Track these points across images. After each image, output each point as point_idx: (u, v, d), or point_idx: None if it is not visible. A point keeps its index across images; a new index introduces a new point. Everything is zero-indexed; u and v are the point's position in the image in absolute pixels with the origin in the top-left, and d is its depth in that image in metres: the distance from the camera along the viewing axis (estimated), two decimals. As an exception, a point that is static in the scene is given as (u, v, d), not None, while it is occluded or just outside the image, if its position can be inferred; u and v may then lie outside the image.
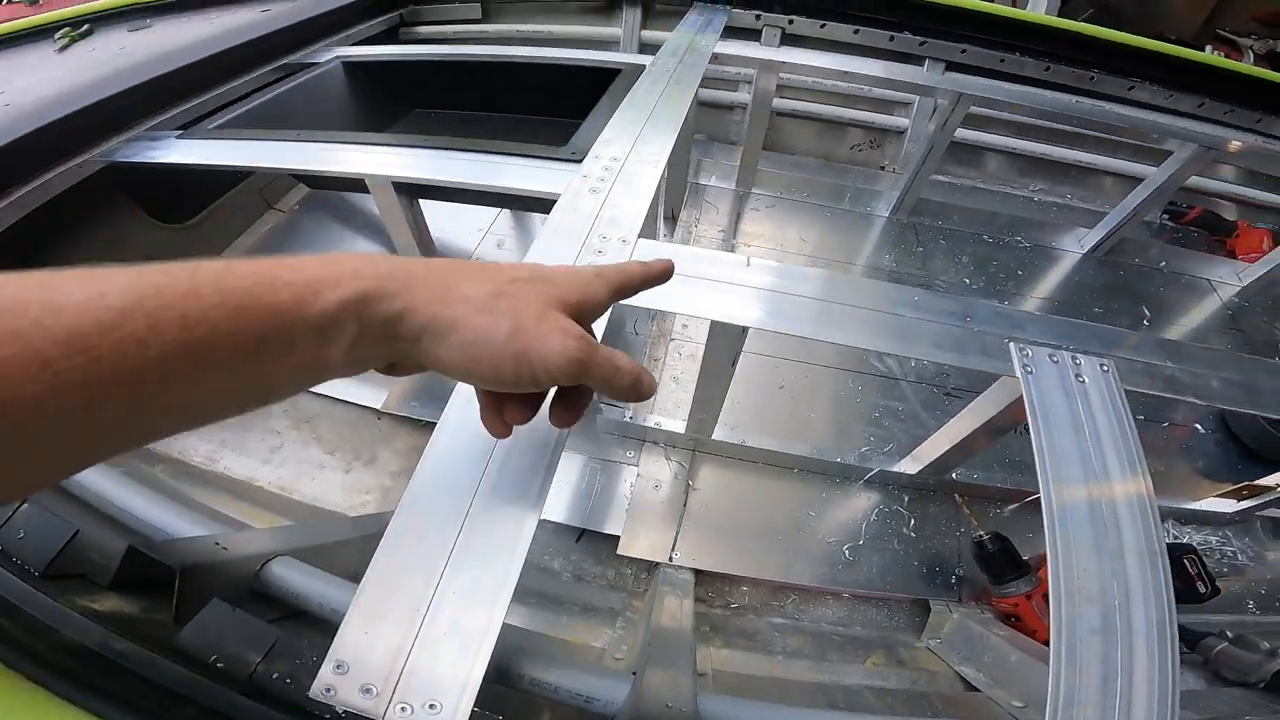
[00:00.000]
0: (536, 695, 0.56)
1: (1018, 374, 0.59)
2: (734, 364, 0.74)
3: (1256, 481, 1.04)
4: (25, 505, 0.54)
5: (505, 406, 0.36)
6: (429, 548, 0.40)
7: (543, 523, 0.93)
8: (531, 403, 0.37)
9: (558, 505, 0.94)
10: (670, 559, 0.89)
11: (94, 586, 0.52)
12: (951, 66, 1.57)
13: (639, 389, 0.34)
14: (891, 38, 1.55)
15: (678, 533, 0.91)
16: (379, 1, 1.53)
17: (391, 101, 1.27)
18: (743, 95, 1.74)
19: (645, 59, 1.10)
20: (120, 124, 1.00)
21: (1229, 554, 1.05)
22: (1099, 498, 0.53)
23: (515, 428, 0.37)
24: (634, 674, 0.57)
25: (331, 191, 1.41)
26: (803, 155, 1.75)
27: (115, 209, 1.17)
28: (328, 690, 0.34)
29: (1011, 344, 0.62)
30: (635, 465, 0.98)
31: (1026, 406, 0.57)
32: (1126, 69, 1.50)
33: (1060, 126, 1.65)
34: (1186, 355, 0.66)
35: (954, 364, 0.60)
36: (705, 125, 1.78)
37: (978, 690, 0.77)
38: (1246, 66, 1.51)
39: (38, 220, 0.90)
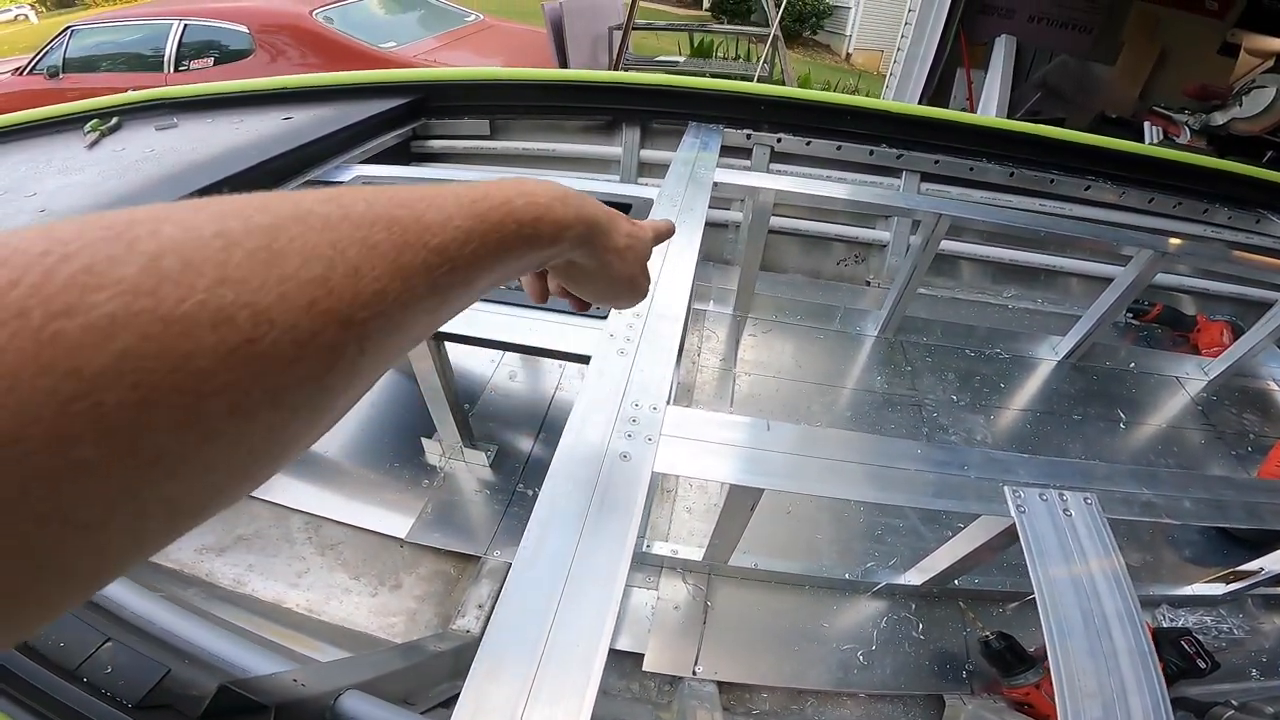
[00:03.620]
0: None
1: (1012, 515, 0.68)
2: (752, 510, 0.79)
3: (1240, 567, 1.11)
4: (110, 644, 0.59)
5: (550, 284, 0.48)
6: (511, 688, 0.46)
7: None
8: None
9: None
10: (694, 672, 0.92)
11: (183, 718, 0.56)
12: (926, 177, 1.71)
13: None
14: (871, 152, 1.68)
15: (699, 648, 0.95)
16: (396, 116, 1.63)
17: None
18: (736, 214, 1.84)
19: (652, 190, 1.19)
20: None
21: (1225, 630, 1.11)
22: (1090, 610, 0.61)
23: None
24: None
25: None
26: (792, 272, 1.85)
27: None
28: None
29: (1005, 487, 0.69)
30: (655, 589, 1.01)
31: (1023, 543, 0.65)
32: (1082, 168, 1.65)
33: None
34: (1160, 480, 0.75)
35: (957, 510, 0.66)
36: (702, 244, 1.87)
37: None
38: (1186, 155, 1.65)
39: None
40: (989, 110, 3.78)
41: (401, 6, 3.84)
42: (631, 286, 0.45)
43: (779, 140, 1.68)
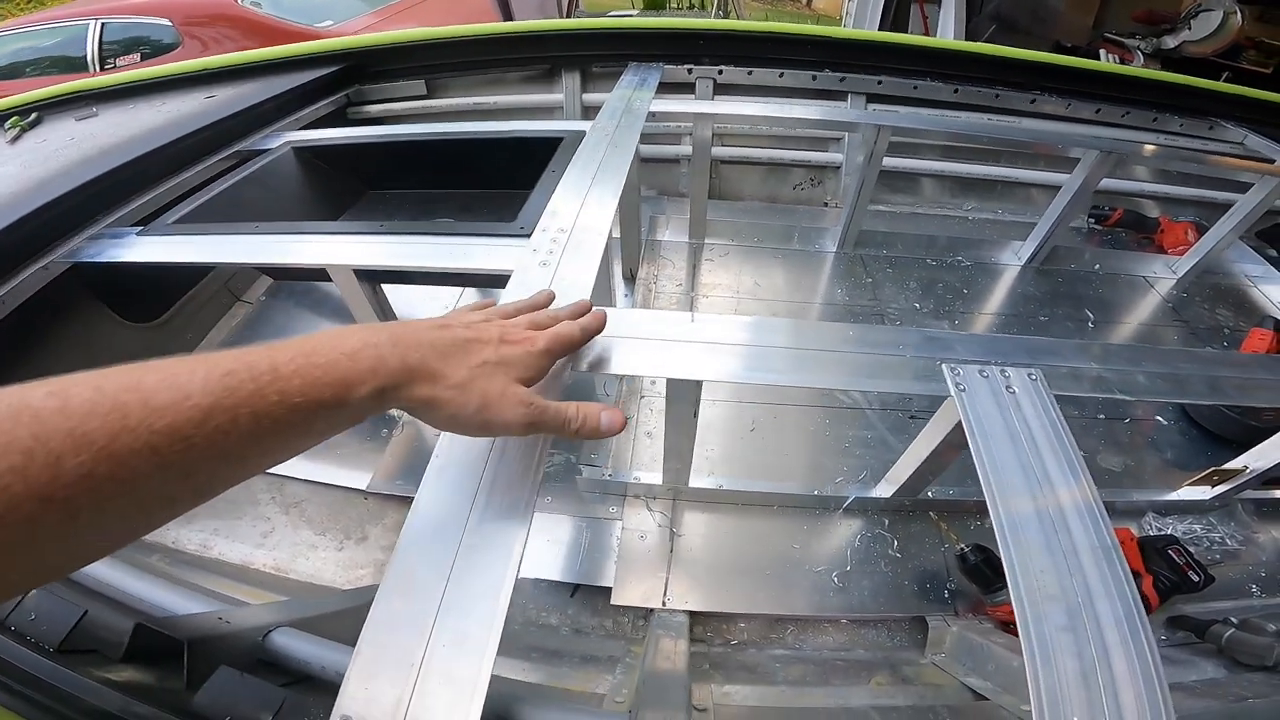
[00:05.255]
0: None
1: (951, 393, 0.63)
2: (695, 415, 0.77)
3: (1224, 466, 1.06)
4: (34, 592, 0.58)
5: None
6: (418, 606, 0.43)
7: (537, 581, 0.96)
8: None
9: (550, 564, 0.96)
10: (663, 604, 0.90)
11: (107, 660, 0.56)
12: (872, 98, 1.68)
13: (592, 428, 0.46)
14: (814, 77, 1.64)
15: (667, 578, 0.93)
16: (326, 84, 1.58)
17: (345, 184, 1.30)
18: (687, 148, 1.81)
19: (585, 124, 1.16)
20: (81, 222, 1.02)
21: (1216, 540, 1.07)
22: (1043, 500, 0.55)
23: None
24: (629, 713, 0.58)
25: (296, 281, 1.43)
26: (750, 200, 1.84)
27: (83, 310, 1.18)
28: None
29: (944, 365, 0.65)
30: (619, 519, 0.99)
31: (963, 421, 0.60)
32: (1026, 83, 1.62)
33: (980, 146, 1.76)
34: (1110, 355, 0.69)
35: (893, 391, 0.64)
36: (657, 181, 1.85)
37: (986, 699, 0.78)
38: (1133, 69, 1.64)
39: (6, 325, 0.91)
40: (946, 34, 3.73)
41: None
42: (480, 416, 0.40)
43: (720, 72, 1.64)
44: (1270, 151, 1.55)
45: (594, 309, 0.57)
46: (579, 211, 0.86)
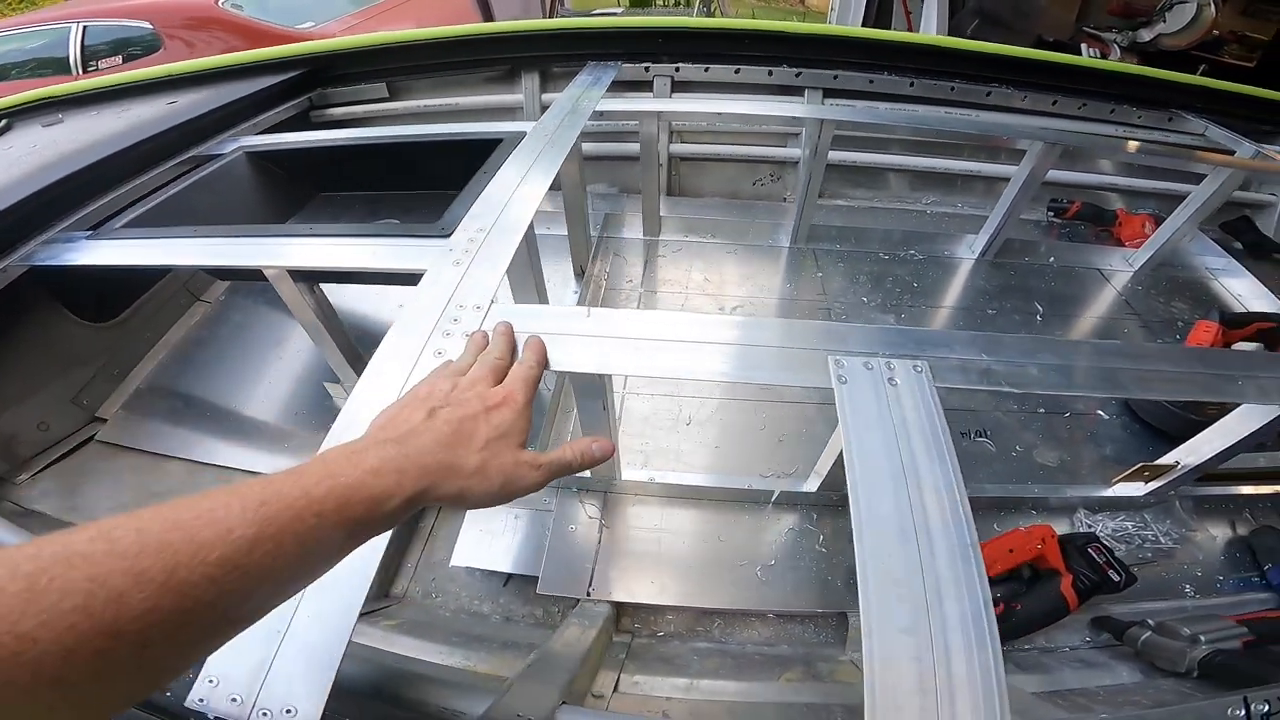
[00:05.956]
0: (418, 713, 0.59)
1: (832, 384, 0.62)
2: (605, 408, 0.79)
3: (1156, 462, 1.03)
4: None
5: None
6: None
7: (471, 570, 0.98)
8: None
9: (484, 554, 0.98)
10: (588, 594, 0.92)
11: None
12: (829, 93, 1.69)
13: (591, 461, 0.52)
14: (770, 73, 1.66)
15: (593, 569, 0.95)
16: (287, 88, 1.61)
17: (296, 187, 1.33)
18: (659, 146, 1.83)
19: (529, 125, 1.18)
20: (38, 227, 1.05)
21: (1149, 538, 1.05)
22: (907, 495, 0.54)
23: None
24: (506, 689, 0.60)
25: (243, 281, 1.45)
26: (710, 196, 1.86)
27: (41, 311, 1.22)
28: (200, 700, 0.43)
29: (830, 357, 0.65)
30: (552, 511, 1.02)
31: (839, 412, 0.60)
32: (982, 76, 1.62)
33: (941, 140, 1.77)
34: (1003, 346, 0.68)
35: (784, 383, 0.64)
36: (619, 178, 1.87)
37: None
38: (1088, 60, 1.65)
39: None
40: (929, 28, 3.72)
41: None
42: (505, 491, 0.44)
43: (678, 70, 1.66)
44: (1231, 142, 1.56)
45: (530, 338, 0.62)
46: (500, 212, 0.88)
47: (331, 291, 1.14)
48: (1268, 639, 0.86)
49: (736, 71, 1.66)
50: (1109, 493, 1.08)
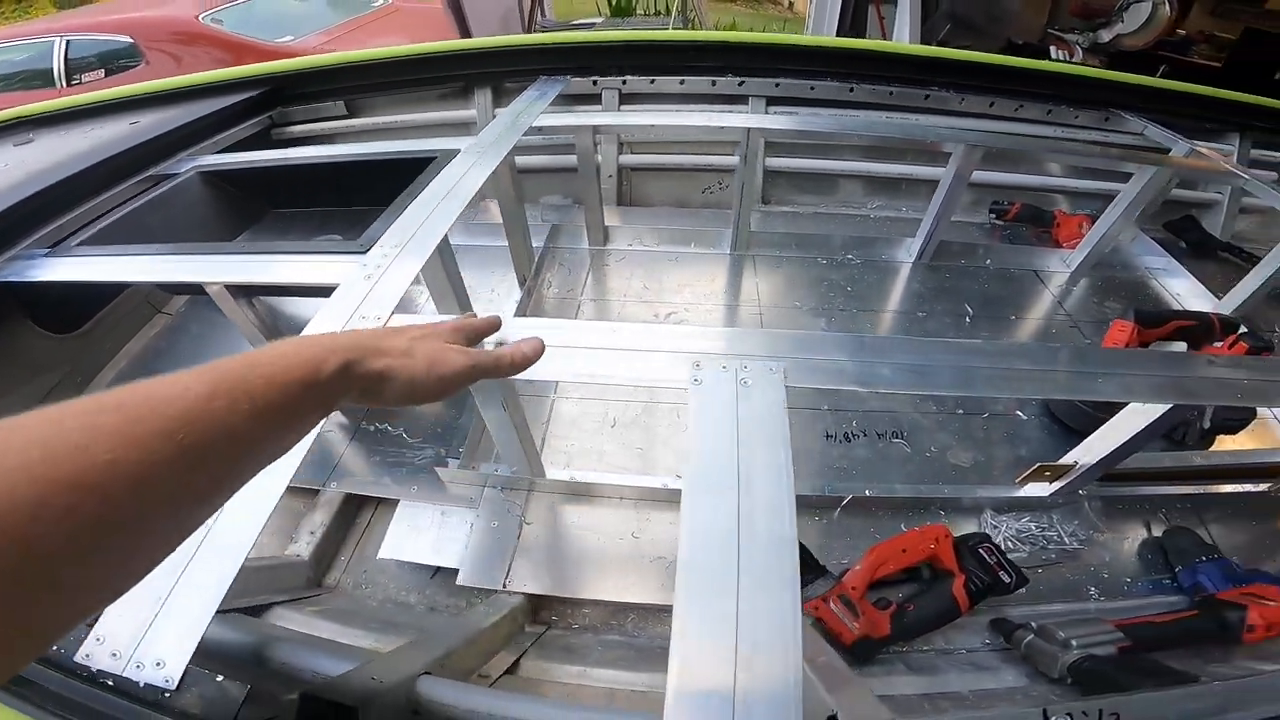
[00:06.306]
0: (282, 674, 0.64)
1: (688, 387, 0.65)
2: (505, 409, 0.85)
3: (1057, 461, 1.04)
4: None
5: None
6: (175, 557, 0.52)
7: (400, 563, 1.03)
8: None
9: (411, 547, 1.04)
10: (504, 586, 0.98)
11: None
12: (772, 101, 1.74)
13: (523, 358, 0.53)
14: (714, 82, 1.71)
15: (511, 563, 1.01)
16: (248, 107, 1.67)
17: (247, 205, 1.39)
18: (596, 157, 1.88)
19: (464, 142, 1.24)
20: (4, 244, 1.11)
21: (1054, 539, 1.06)
22: (736, 492, 0.55)
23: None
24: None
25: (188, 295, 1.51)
26: (660, 205, 1.91)
27: (8, 323, 1.27)
28: (87, 656, 0.51)
29: (692, 360, 0.68)
30: (476, 508, 1.07)
31: (690, 414, 0.62)
32: (920, 79, 1.67)
33: (880, 145, 1.83)
34: (864, 347, 0.71)
35: (644, 384, 0.68)
36: (572, 189, 1.92)
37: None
38: (1019, 60, 1.67)
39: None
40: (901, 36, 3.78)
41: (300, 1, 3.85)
42: (432, 374, 0.45)
43: (624, 82, 1.71)
44: (1168, 141, 1.59)
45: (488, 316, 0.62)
46: (418, 228, 0.94)
47: (288, 304, 1.21)
48: (1145, 644, 0.87)
49: (681, 83, 1.71)
50: (1016, 493, 1.10)
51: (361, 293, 0.81)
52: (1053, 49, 3.33)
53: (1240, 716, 0.58)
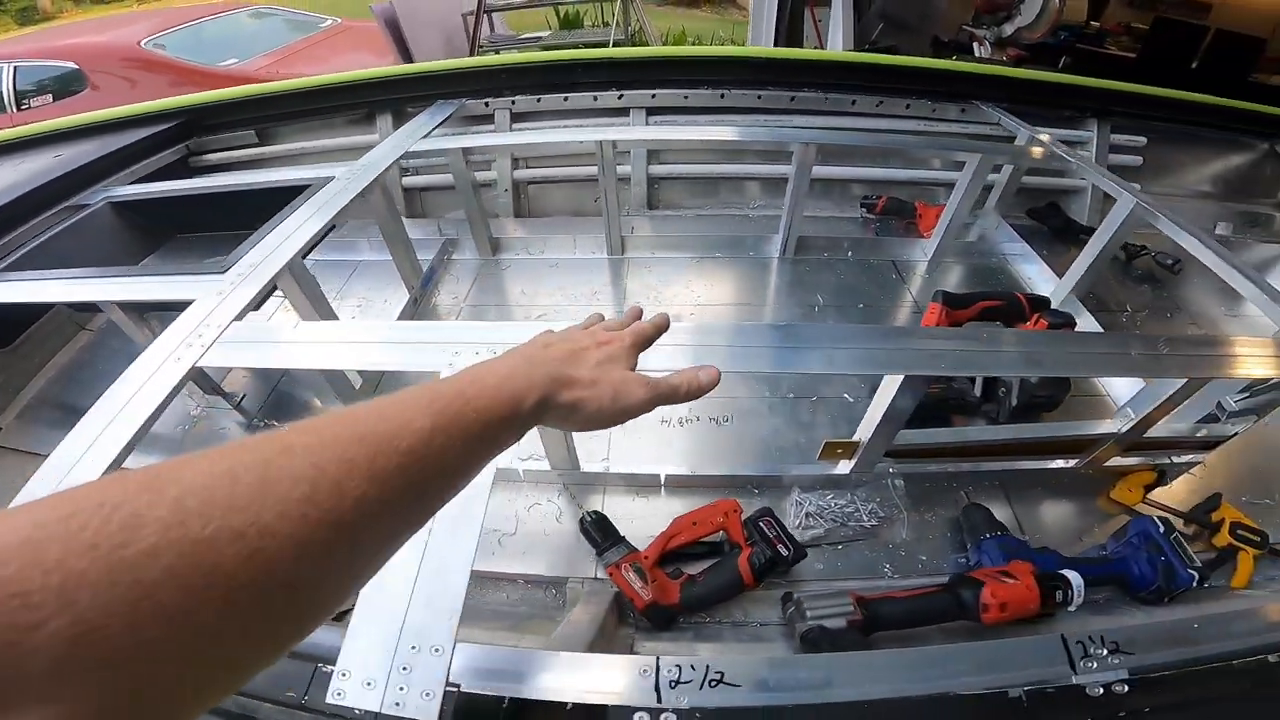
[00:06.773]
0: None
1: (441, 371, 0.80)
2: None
3: (849, 439, 1.06)
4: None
5: None
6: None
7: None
8: None
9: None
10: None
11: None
12: (652, 111, 1.89)
13: (698, 387, 0.52)
14: (595, 98, 1.87)
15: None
16: (166, 137, 1.81)
17: (154, 231, 1.54)
18: (493, 174, 2.01)
19: (339, 170, 1.39)
20: None
21: (852, 515, 1.09)
22: None
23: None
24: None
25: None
26: (555, 215, 2.04)
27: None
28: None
29: (451, 350, 0.83)
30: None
31: None
32: (785, 82, 1.82)
33: (751, 149, 1.98)
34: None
35: (409, 369, 0.84)
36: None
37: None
38: (873, 57, 1.84)
39: None
40: (835, 45, 3.92)
41: (249, 23, 3.98)
42: (615, 405, 0.46)
43: (514, 102, 1.87)
44: (1017, 130, 1.72)
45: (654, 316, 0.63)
46: (275, 249, 1.10)
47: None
48: (881, 619, 0.90)
49: (565, 100, 1.87)
50: (821, 472, 1.14)
51: (210, 306, 0.97)
52: (975, 44, 3.47)
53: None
